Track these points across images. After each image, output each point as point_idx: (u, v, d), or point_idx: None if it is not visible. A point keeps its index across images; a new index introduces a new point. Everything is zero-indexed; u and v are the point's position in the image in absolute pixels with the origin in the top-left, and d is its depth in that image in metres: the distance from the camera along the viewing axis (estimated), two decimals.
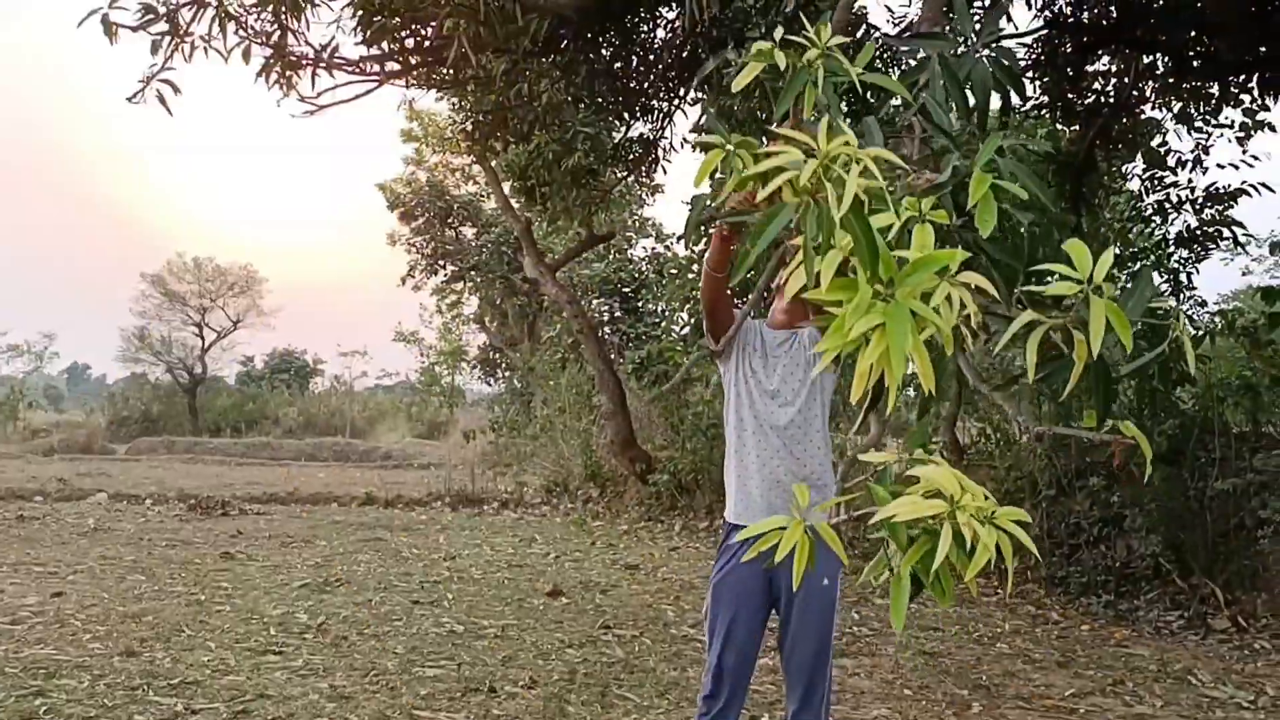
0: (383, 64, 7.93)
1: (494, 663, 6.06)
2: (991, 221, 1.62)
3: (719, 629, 3.77)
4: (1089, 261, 1.52)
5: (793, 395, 3.79)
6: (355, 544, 10.49)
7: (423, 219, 21.44)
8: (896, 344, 1.35)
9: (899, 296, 1.39)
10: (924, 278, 1.42)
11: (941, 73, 2.11)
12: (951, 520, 1.45)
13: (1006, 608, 8.12)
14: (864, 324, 1.38)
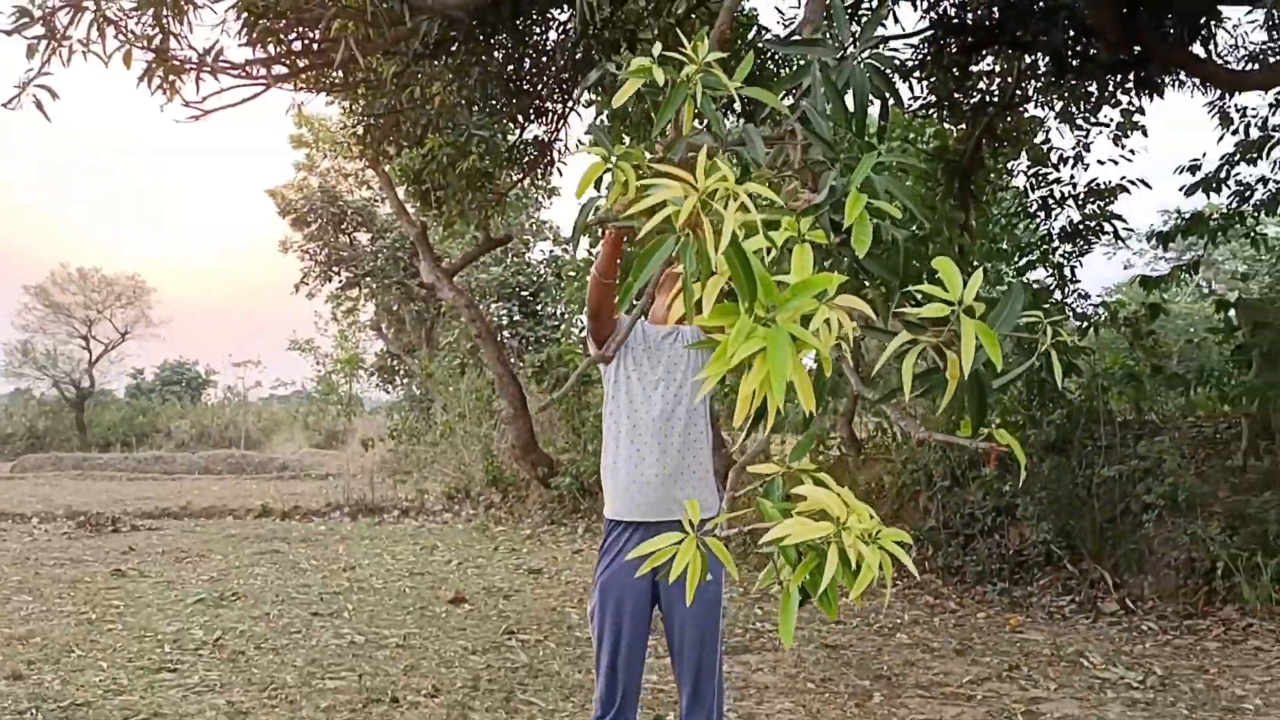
0: (269, 67, 7.76)
1: (396, 672, 5.98)
2: (867, 241, 1.66)
3: (607, 629, 3.77)
4: (959, 282, 1.57)
5: (677, 389, 3.81)
6: (251, 557, 10.27)
7: (315, 225, 21.08)
8: (777, 369, 1.38)
9: (779, 321, 1.42)
10: (803, 302, 1.45)
11: (821, 79, 2.13)
12: (838, 541, 1.49)
13: (906, 598, 8.25)
14: (745, 350, 1.40)
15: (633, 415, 3.83)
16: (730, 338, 1.43)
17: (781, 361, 1.37)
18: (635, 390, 3.84)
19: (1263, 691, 5.65)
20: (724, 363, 1.43)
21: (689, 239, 1.50)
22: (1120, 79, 9.42)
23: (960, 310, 1.56)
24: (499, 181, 11.25)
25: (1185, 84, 10.26)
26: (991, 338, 1.56)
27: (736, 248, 1.44)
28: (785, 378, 1.37)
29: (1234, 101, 9.42)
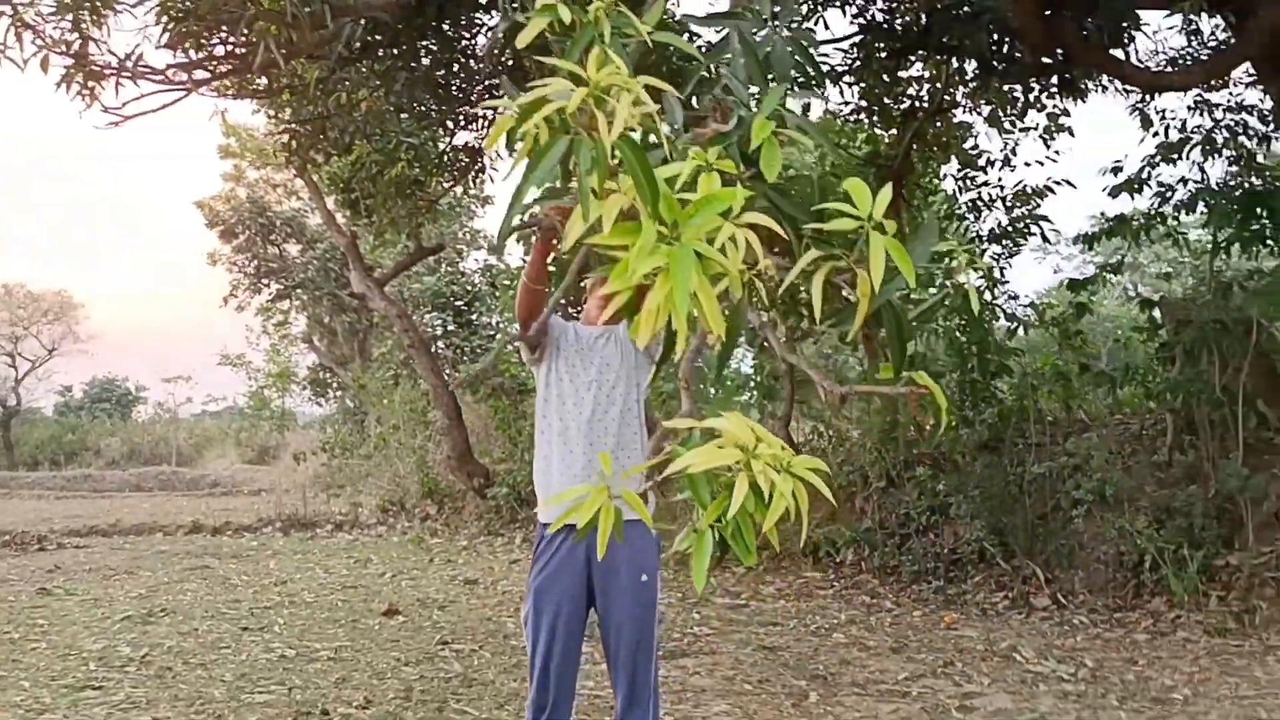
0: (189, 72, 7.63)
1: (327, 685, 5.87)
2: (777, 166, 1.61)
3: (542, 632, 3.72)
4: (869, 199, 1.53)
5: (610, 389, 3.78)
6: (181, 573, 10.06)
7: (244, 236, 20.78)
8: (680, 283, 1.33)
9: (683, 238, 1.37)
10: (707, 218, 1.41)
11: (742, 50, 2.11)
12: (748, 470, 1.43)
13: (843, 599, 8.27)
14: (648, 264, 1.36)
15: (564, 417, 3.80)
16: (632, 253, 1.38)
17: (684, 275, 1.33)
18: (567, 392, 3.81)
19: (1191, 681, 5.73)
20: (625, 278, 1.39)
21: (582, 138, 1.44)
22: (1045, 82, 9.56)
23: (869, 226, 1.53)
24: (430, 189, 11.18)
25: (1108, 88, 10.45)
26: (904, 255, 1.52)
27: (632, 145, 1.39)
28: (688, 290, 1.33)
29: (1154, 104, 9.59)
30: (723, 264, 1.43)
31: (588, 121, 1.42)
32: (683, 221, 1.39)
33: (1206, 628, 6.74)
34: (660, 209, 1.39)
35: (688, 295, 1.33)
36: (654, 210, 1.37)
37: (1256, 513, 7.40)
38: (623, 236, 1.42)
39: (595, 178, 1.42)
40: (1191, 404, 8.04)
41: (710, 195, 1.42)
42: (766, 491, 1.42)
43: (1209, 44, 9.76)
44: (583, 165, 1.42)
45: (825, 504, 9.71)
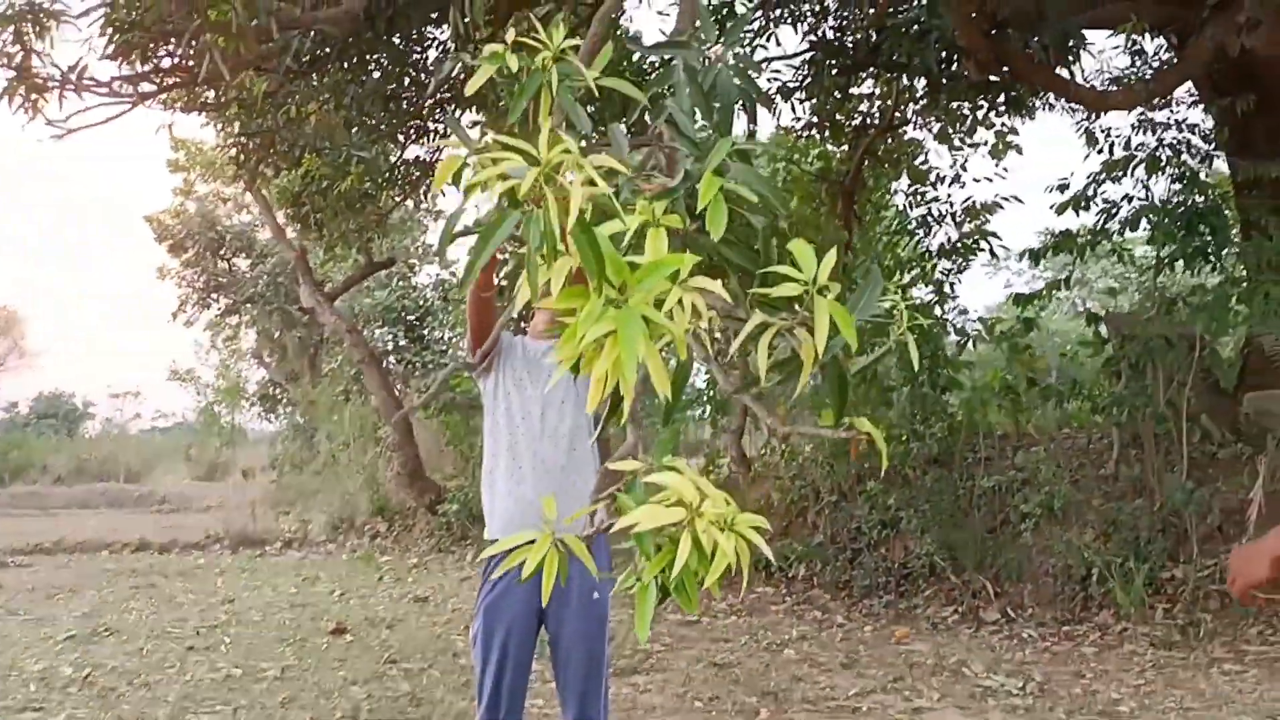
0: (136, 84, 7.53)
1: (273, 705, 5.79)
2: (722, 224, 1.62)
3: (493, 652, 3.68)
4: (813, 262, 1.55)
5: (560, 404, 3.76)
6: (127, 591, 9.91)
7: (193, 251, 20.55)
8: (628, 349, 1.34)
9: (630, 303, 1.38)
10: (655, 282, 1.42)
11: (686, 80, 2.10)
12: (691, 528, 1.45)
13: (794, 614, 8.28)
14: (595, 331, 1.36)
15: (513, 433, 3.76)
16: (579, 319, 1.39)
17: (632, 342, 1.34)
18: (515, 407, 3.78)
19: (1137, 694, 5.77)
20: (574, 346, 1.39)
21: (533, 214, 1.45)
22: (992, 100, 9.67)
23: (814, 290, 1.54)
24: (380, 203, 11.11)
25: (1055, 106, 10.59)
26: (846, 318, 1.54)
27: (583, 223, 1.39)
28: (636, 357, 1.33)
29: (1100, 122, 9.73)
30: (669, 328, 1.44)
31: (536, 196, 1.43)
32: (631, 285, 1.39)
33: (1152, 640, 6.80)
34: (608, 273, 1.41)
35: (636, 361, 1.34)
36: (600, 282, 1.39)
37: (1200, 526, 7.49)
38: (571, 301, 1.43)
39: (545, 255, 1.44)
40: (1137, 419, 8.13)
41: (658, 261, 1.44)
42: (709, 549, 1.44)
43: (1152, 64, 9.93)
44: (532, 241, 1.43)
45: (777, 518, 9.75)
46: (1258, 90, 7.96)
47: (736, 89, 2.15)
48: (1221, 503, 7.62)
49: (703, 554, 1.45)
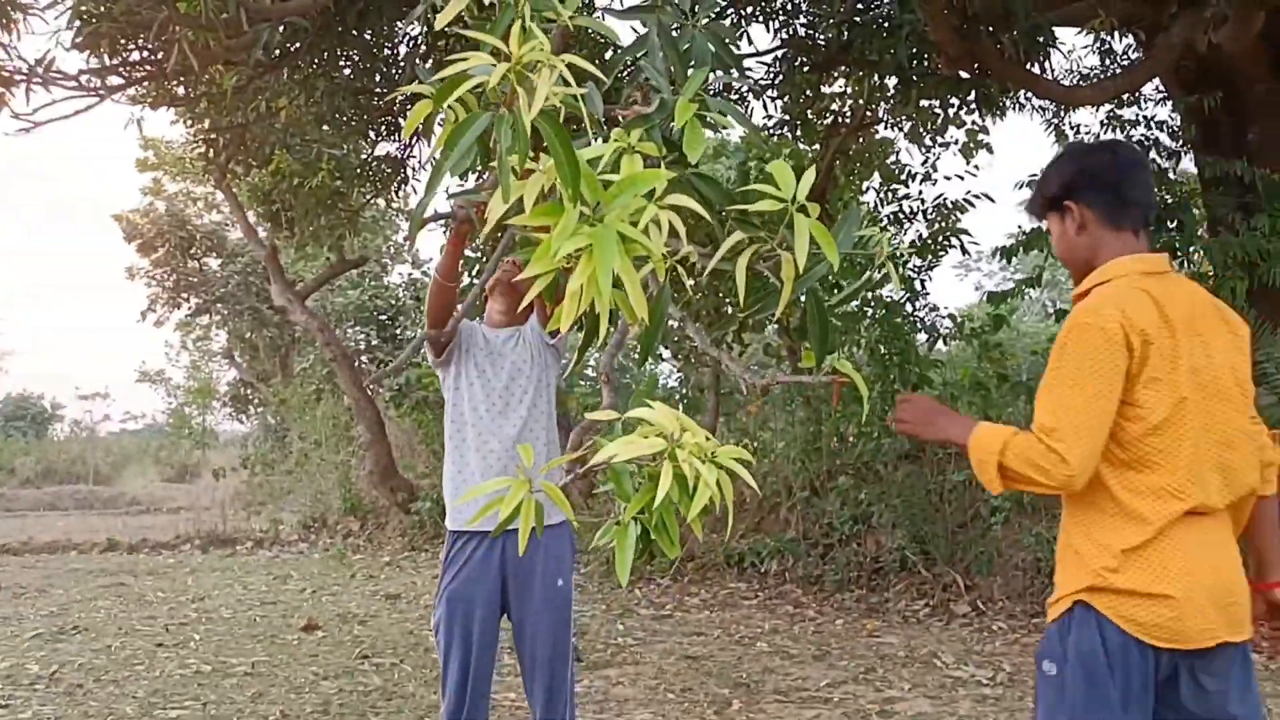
0: (104, 78, 7.47)
1: (243, 700, 5.76)
2: (699, 147, 1.60)
3: (456, 641, 3.68)
4: (792, 181, 1.53)
5: (521, 393, 3.76)
6: (95, 590, 9.83)
7: (163, 250, 20.37)
8: (603, 263, 1.31)
9: (606, 219, 1.35)
10: (631, 200, 1.39)
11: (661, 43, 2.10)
12: (672, 460, 1.41)
13: (766, 609, 8.29)
14: (569, 246, 1.33)
15: (477, 423, 3.76)
16: (553, 234, 1.35)
17: (607, 254, 1.30)
18: (478, 397, 3.77)
19: None
20: (547, 260, 1.36)
21: (503, 115, 1.41)
22: (963, 98, 9.71)
23: (794, 208, 1.52)
24: (352, 200, 11.06)
25: (1025, 105, 10.66)
26: (827, 237, 1.52)
27: (554, 123, 1.36)
28: (611, 271, 1.30)
29: (1069, 120, 9.79)
30: (646, 246, 1.41)
31: (509, 98, 1.39)
32: (605, 203, 1.37)
33: None
34: (582, 190, 1.37)
35: (611, 277, 1.31)
36: (575, 191, 1.35)
37: None
38: (544, 217, 1.39)
39: (516, 156, 1.39)
40: None
41: (634, 176, 1.40)
42: (691, 482, 1.41)
43: (1120, 63, 10.00)
44: (503, 142, 1.38)
45: (749, 514, 9.77)
46: (1224, 87, 8.04)
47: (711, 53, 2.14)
48: None
49: (684, 486, 1.42)
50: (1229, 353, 2.44)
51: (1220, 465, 2.34)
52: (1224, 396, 2.38)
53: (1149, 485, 2.29)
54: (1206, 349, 2.38)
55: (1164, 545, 2.27)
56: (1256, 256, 7.68)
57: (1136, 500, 2.29)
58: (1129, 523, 2.29)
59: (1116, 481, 2.31)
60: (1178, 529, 2.28)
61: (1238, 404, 2.41)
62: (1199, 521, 2.30)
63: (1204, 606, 2.26)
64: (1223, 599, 2.29)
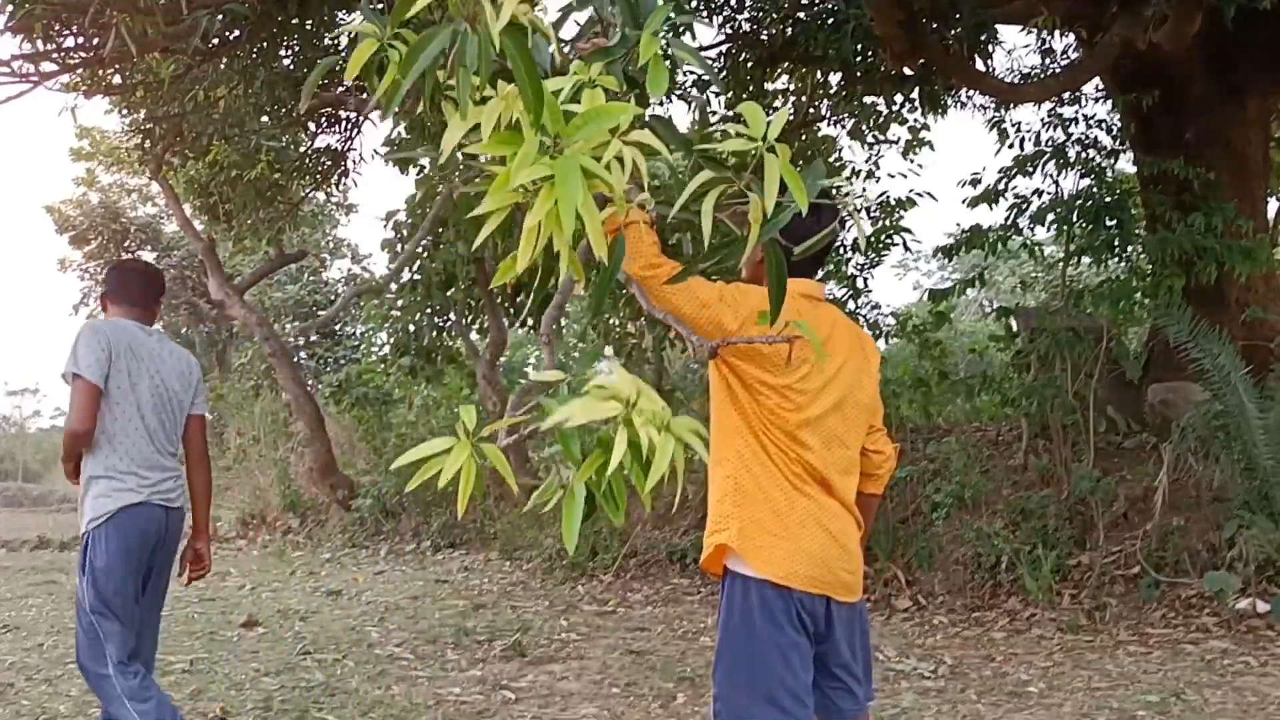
0: (37, 64, 7.30)
1: (181, 697, 5.65)
2: (664, 83, 1.54)
3: (122, 587, 3.95)
4: (763, 121, 1.49)
5: (168, 395, 4.27)
6: (25, 588, 9.62)
7: (96, 243, 20.00)
8: (566, 196, 1.25)
9: (568, 151, 1.29)
10: (594, 132, 1.33)
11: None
12: (628, 426, 1.36)
13: (710, 604, 8.28)
14: (528, 174, 1.27)
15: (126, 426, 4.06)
16: (514, 163, 1.29)
17: (571, 188, 1.24)
18: (140, 399, 4.07)
19: (1045, 676, 5.87)
20: (504, 194, 1.30)
21: (467, 30, 1.34)
22: (907, 94, 9.79)
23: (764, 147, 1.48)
24: (291, 193, 10.92)
25: (967, 103, 10.76)
26: (797, 180, 1.48)
27: (518, 40, 1.30)
28: (575, 205, 1.24)
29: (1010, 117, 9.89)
30: (609, 182, 1.36)
31: (471, 14, 1.32)
32: (567, 135, 1.31)
33: (1060, 624, 6.92)
34: (544, 119, 1.31)
35: (574, 210, 1.25)
36: (538, 117, 1.29)
37: (1106, 514, 7.65)
38: (502, 146, 1.33)
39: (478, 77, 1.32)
40: (1045, 410, 8.27)
41: (600, 108, 1.34)
42: (645, 450, 1.36)
43: (1061, 63, 10.13)
44: (468, 58, 1.32)
45: (693, 510, 9.77)
46: (1162, 86, 8.16)
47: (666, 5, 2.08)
48: (1126, 491, 7.78)
49: (637, 454, 1.37)
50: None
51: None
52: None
53: None
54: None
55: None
56: (1194, 254, 7.80)
57: None
58: None
59: None
60: None
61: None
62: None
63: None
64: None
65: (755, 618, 2.63)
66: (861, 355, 2.84)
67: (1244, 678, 5.65)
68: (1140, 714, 5.09)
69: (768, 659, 2.61)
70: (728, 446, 2.73)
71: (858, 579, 2.80)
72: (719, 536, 2.71)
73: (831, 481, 2.71)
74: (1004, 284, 22.28)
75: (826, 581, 2.68)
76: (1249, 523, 6.73)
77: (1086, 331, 8.26)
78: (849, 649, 2.80)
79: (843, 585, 2.73)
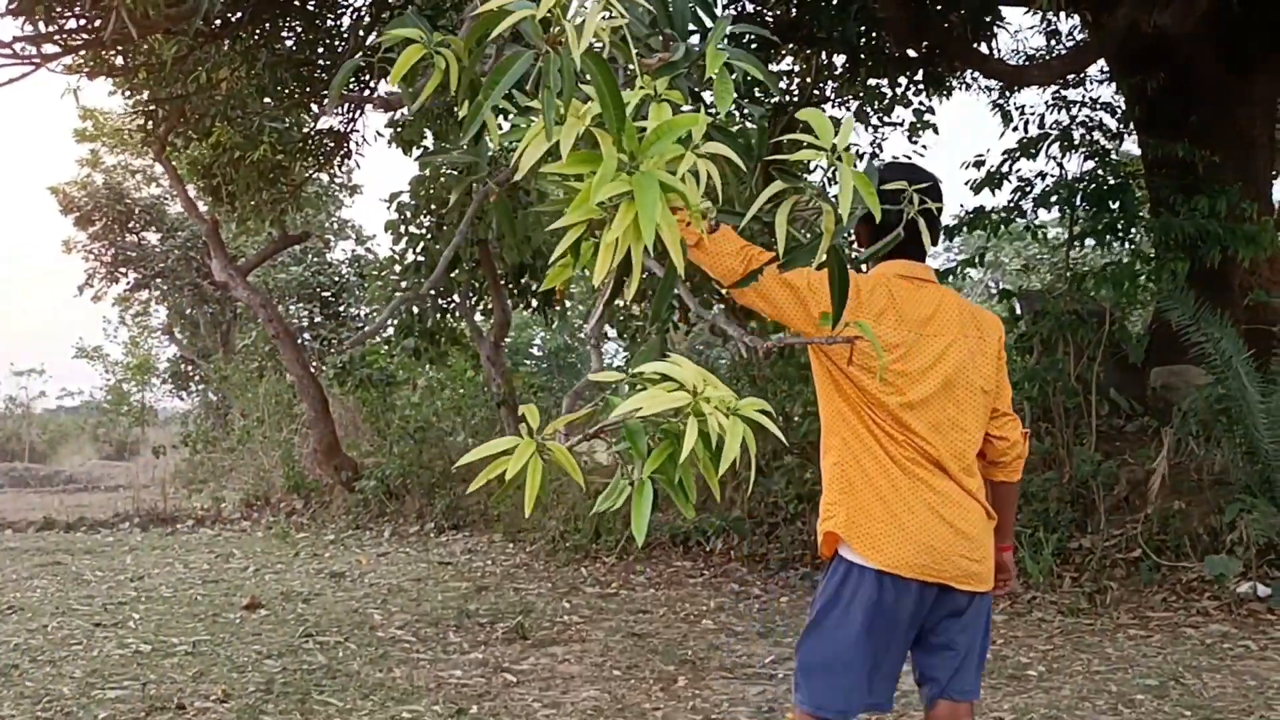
0: (39, 45, 7.30)
1: (183, 679, 5.68)
2: (729, 98, 1.54)
3: None
4: (830, 130, 1.48)
5: None
6: (30, 570, 9.65)
7: (100, 224, 20.01)
8: (646, 210, 1.27)
9: (645, 166, 1.30)
10: (667, 146, 1.34)
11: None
12: (697, 415, 1.36)
13: (712, 586, 8.31)
14: (609, 191, 1.29)
15: None
16: (595, 180, 1.30)
17: (650, 202, 1.25)
18: None
19: (1045, 659, 5.89)
20: (585, 210, 1.31)
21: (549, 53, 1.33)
22: (911, 77, 9.76)
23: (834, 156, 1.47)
24: (293, 174, 10.91)
25: (972, 85, 10.72)
26: (870, 188, 1.47)
27: (599, 62, 1.30)
28: (654, 219, 1.25)
29: (1014, 100, 9.87)
30: (685, 195, 1.37)
31: (552, 37, 1.32)
32: (641, 151, 1.32)
33: (1060, 608, 6.94)
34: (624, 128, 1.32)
35: (654, 225, 1.27)
36: (619, 135, 1.30)
37: (1108, 497, 7.65)
38: (580, 165, 1.35)
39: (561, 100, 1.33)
40: (1048, 393, 8.27)
41: (671, 121, 1.35)
42: (715, 437, 1.36)
43: (1066, 44, 10.09)
44: (553, 82, 1.32)
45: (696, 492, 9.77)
46: (1168, 68, 8.13)
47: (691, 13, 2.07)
48: (1128, 474, 7.78)
49: (707, 443, 1.37)
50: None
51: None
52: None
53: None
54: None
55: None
56: (1197, 237, 7.78)
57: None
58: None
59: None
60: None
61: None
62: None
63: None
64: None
65: (852, 603, 2.65)
66: (977, 335, 2.76)
67: (1243, 661, 5.67)
68: (1139, 698, 5.11)
69: (854, 643, 2.64)
70: (834, 434, 2.74)
71: (984, 568, 2.73)
72: (828, 524, 2.73)
73: (947, 466, 2.66)
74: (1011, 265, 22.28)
75: (940, 569, 2.64)
76: (1250, 506, 6.74)
77: (1089, 314, 8.25)
78: (961, 637, 2.76)
79: (963, 574, 2.67)
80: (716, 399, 1.39)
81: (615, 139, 1.31)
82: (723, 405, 1.39)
